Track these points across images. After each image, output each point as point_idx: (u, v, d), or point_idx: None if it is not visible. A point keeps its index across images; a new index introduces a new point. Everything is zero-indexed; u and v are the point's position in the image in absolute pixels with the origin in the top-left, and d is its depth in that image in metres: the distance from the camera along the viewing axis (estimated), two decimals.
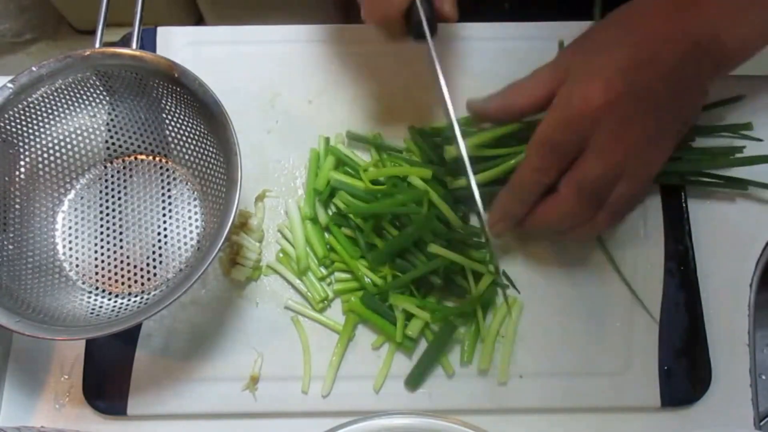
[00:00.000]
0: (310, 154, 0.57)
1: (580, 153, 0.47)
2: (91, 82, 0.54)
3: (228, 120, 0.50)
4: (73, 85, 0.54)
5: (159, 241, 0.54)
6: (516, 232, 0.54)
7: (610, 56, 0.47)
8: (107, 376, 0.52)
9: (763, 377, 0.62)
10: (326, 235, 0.55)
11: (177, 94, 0.53)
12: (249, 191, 0.57)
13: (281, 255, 0.55)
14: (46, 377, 0.53)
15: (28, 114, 0.53)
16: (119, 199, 0.56)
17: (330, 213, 0.55)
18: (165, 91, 0.53)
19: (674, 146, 0.50)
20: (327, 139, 0.58)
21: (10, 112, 0.52)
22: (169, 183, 0.56)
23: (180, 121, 0.55)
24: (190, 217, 0.55)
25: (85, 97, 0.55)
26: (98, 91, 0.55)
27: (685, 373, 0.52)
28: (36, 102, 0.53)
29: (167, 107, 0.54)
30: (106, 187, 0.56)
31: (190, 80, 0.51)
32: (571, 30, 0.58)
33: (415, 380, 0.52)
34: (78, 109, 0.55)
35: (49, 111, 0.54)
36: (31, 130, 0.54)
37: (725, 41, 0.47)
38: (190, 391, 0.52)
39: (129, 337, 0.53)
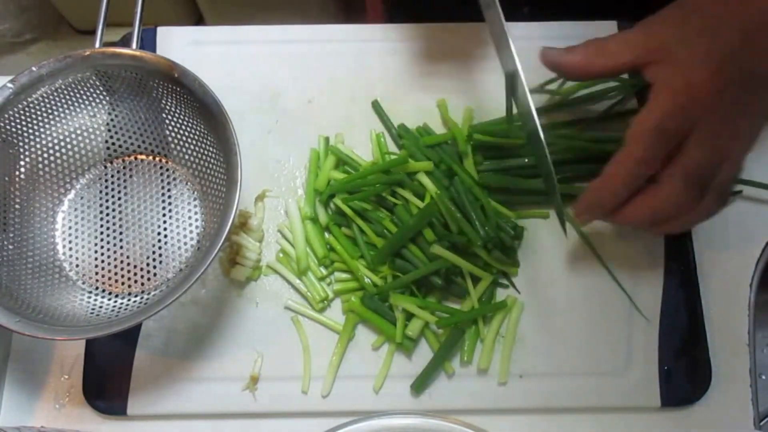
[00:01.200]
0: (310, 154, 0.57)
1: (684, 140, 0.46)
2: (91, 82, 0.54)
3: (228, 120, 0.50)
4: (73, 85, 0.54)
5: (159, 241, 0.54)
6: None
7: (715, 40, 0.45)
8: (107, 376, 0.52)
9: (763, 377, 0.62)
10: (326, 235, 0.55)
11: (177, 94, 0.53)
12: (249, 191, 0.57)
13: (281, 255, 0.55)
14: (46, 377, 0.53)
15: (28, 114, 0.53)
16: (119, 199, 0.56)
17: (330, 213, 0.55)
18: (165, 91, 0.53)
19: (756, 131, 0.48)
20: (327, 139, 0.58)
21: (10, 112, 0.52)
22: (169, 183, 0.56)
23: (180, 121, 0.55)
24: (190, 217, 0.55)
25: (85, 97, 0.55)
26: (98, 91, 0.55)
27: (685, 373, 0.52)
28: (36, 102, 0.53)
29: (167, 107, 0.54)
30: (106, 187, 0.56)
31: (190, 80, 0.51)
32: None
33: (420, 385, 0.52)
34: (78, 109, 0.55)
35: (49, 111, 0.54)
36: (31, 130, 0.54)
37: None
38: (190, 391, 0.52)
39: (129, 337, 0.53)
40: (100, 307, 0.52)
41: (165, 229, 0.55)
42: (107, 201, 0.56)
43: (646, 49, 0.47)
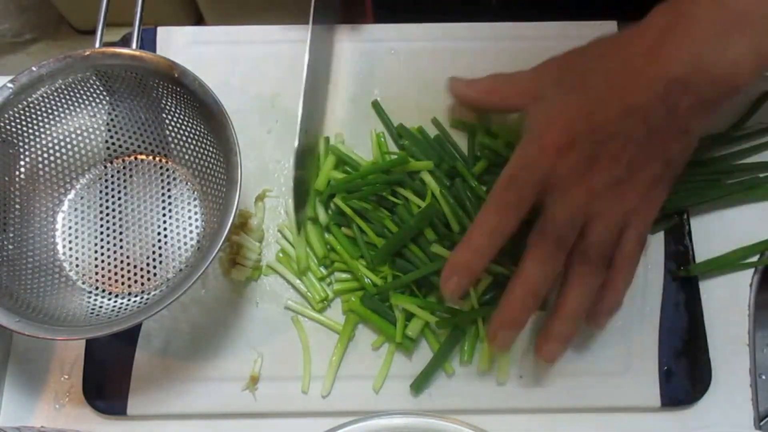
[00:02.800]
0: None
1: (545, 193, 0.45)
2: (91, 82, 0.54)
3: (228, 120, 0.50)
4: (73, 85, 0.54)
5: (159, 241, 0.54)
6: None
7: (579, 92, 0.46)
8: (107, 376, 0.52)
9: (763, 377, 0.62)
10: (326, 235, 0.55)
11: (177, 94, 0.53)
12: (249, 191, 0.57)
13: (281, 255, 0.55)
14: (46, 377, 0.53)
15: (28, 114, 0.53)
16: (119, 199, 0.56)
17: (330, 213, 0.55)
18: (165, 91, 0.53)
19: (660, 186, 0.47)
20: (327, 139, 0.58)
21: (10, 112, 0.52)
22: (169, 183, 0.56)
23: (180, 121, 0.55)
24: (190, 217, 0.55)
25: (85, 97, 0.55)
26: (98, 91, 0.55)
27: (685, 373, 0.52)
28: (36, 102, 0.53)
29: (167, 107, 0.54)
30: (106, 187, 0.56)
31: (190, 80, 0.51)
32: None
33: (419, 386, 0.52)
34: (78, 109, 0.55)
35: (49, 111, 0.54)
36: (31, 130, 0.54)
37: (710, 71, 0.42)
38: (190, 391, 0.52)
39: (129, 337, 0.53)
40: (100, 307, 0.52)
41: (165, 229, 0.55)
42: (107, 201, 0.56)
43: (528, 94, 0.48)
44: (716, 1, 0.42)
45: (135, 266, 0.54)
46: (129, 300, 0.53)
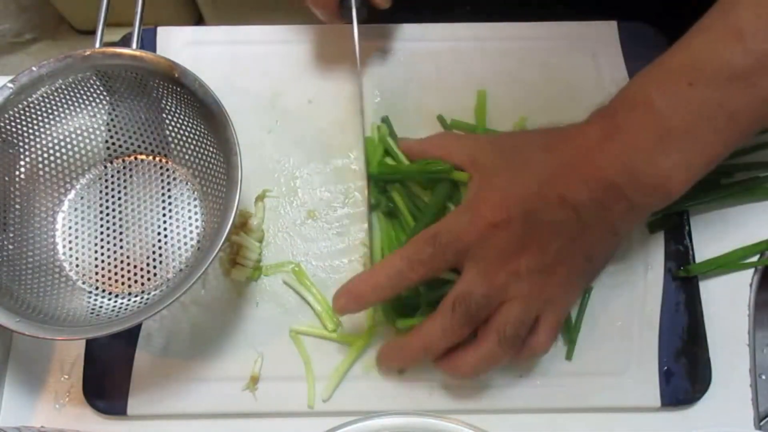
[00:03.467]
0: (365, 143, 0.56)
1: (464, 264, 0.46)
2: (91, 82, 0.54)
3: (228, 120, 0.50)
4: (73, 85, 0.54)
5: (159, 241, 0.54)
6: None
7: (519, 176, 0.47)
8: (107, 376, 0.52)
9: (763, 377, 0.62)
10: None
11: (177, 94, 0.53)
12: (249, 191, 0.57)
13: (297, 269, 0.55)
14: (46, 377, 0.53)
15: (28, 114, 0.53)
16: (119, 199, 0.56)
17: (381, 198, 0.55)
18: (165, 91, 0.53)
19: (576, 285, 0.49)
20: (379, 127, 0.57)
21: (10, 112, 0.52)
22: (169, 183, 0.56)
23: (180, 121, 0.55)
24: (190, 217, 0.55)
25: (85, 97, 0.55)
26: (98, 91, 0.55)
27: (685, 373, 0.52)
28: (36, 102, 0.53)
29: (167, 107, 0.54)
30: (106, 187, 0.56)
31: (190, 80, 0.51)
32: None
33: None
34: (78, 109, 0.55)
35: (49, 111, 0.54)
36: (31, 130, 0.54)
37: (643, 181, 0.44)
38: (190, 391, 0.52)
39: (129, 337, 0.53)
40: (100, 307, 0.52)
41: (165, 229, 0.55)
42: (107, 201, 0.56)
43: (472, 158, 0.50)
44: (650, 115, 0.44)
45: (135, 266, 0.54)
46: (129, 300, 0.53)
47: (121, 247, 0.54)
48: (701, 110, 0.43)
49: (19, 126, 0.53)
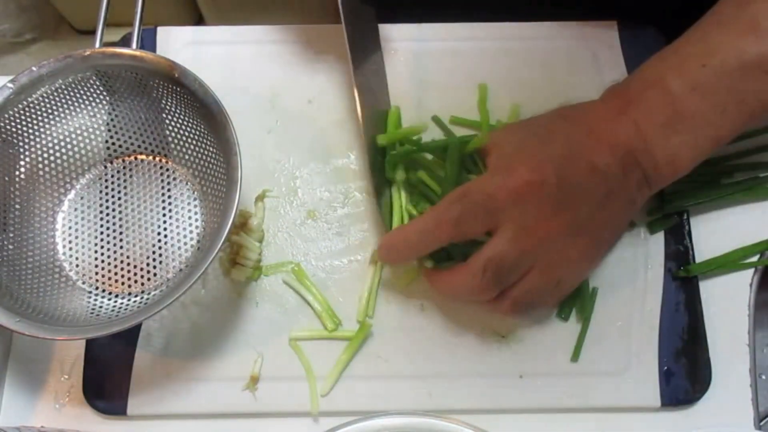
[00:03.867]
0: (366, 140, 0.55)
1: (496, 226, 0.46)
2: (91, 82, 0.54)
3: (228, 120, 0.50)
4: (73, 85, 0.54)
5: (159, 241, 0.54)
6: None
7: (548, 143, 0.47)
8: (107, 376, 0.52)
9: (763, 377, 0.62)
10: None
11: (177, 94, 0.53)
12: (249, 191, 0.57)
13: (296, 269, 0.55)
14: (46, 377, 0.53)
15: (28, 114, 0.53)
16: (119, 199, 0.56)
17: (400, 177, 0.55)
18: (165, 91, 0.53)
19: (596, 254, 0.50)
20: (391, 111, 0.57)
21: (10, 112, 0.52)
22: (169, 183, 0.56)
23: (180, 121, 0.55)
24: (190, 217, 0.55)
25: (84, 97, 0.55)
26: (98, 91, 0.55)
27: (685, 373, 0.52)
28: (36, 102, 0.53)
29: (167, 107, 0.54)
30: (106, 187, 0.56)
31: (190, 80, 0.51)
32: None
33: None
34: (78, 109, 0.55)
35: (49, 111, 0.54)
36: (31, 130, 0.54)
37: (655, 154, 0.47)
38: (190, 391, 0.52)
39: (129, 337, 0.53)
40: (100, 307, 0.52)
41: (165, 229, 0.55)
42: (107, 201, 0.56)
43: (490, 142, 0.50)
44: (663, 95, 0.46)
45: (135, 266, 0.54)
46: (129, 300, 0.53)
47: (121, 247, 0.54)
48: (712, 93, 0.45)
49: (19, 126, 0.53)
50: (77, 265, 0.54)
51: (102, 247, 0.55)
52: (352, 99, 0.60)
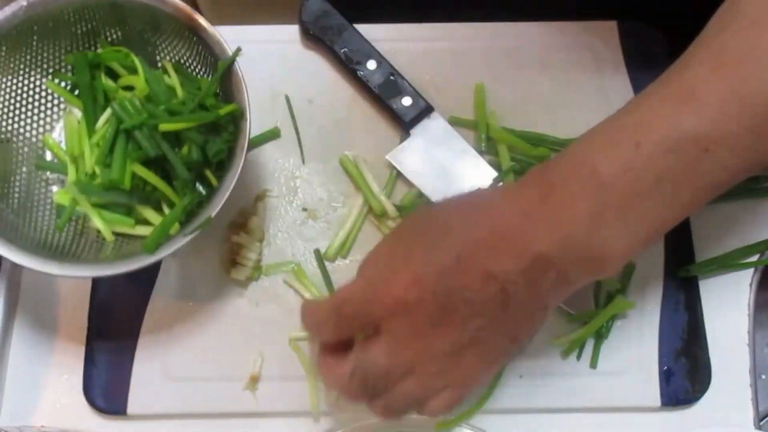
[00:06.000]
0: None
1: (376, 330, 0.41)
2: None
3: (243, 82, 0.50)
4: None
5: None
6: None
7: (436, 247, 0.41)
8: (107, 376, 0.52)
9: (763, 377, 0.62)
10: None
11: (193, 43, 0.53)
12: (249, 191, 0.57)
13: (296, 267, 0.55)
14: (46, 377, 0.53)
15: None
16: None
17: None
18: (180, 41, 0.53)
19: (495, 362, 0.44)
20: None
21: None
22: None
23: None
24: None
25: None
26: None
27: (685, 373, 0.52)
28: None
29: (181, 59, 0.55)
30: None
31: (208, 33, 0.51)
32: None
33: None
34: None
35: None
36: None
37: (578, 251, 0.39)
38: (190, 391, 0.52)
39: (129, 337, 0.53)
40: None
41: None
42: None
43: (388, 240, 0.45)
44: (591, 179, 0.39)
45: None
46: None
47: None
48: (647, 176, 0.38)
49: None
50: None
51: None
52: (352, 99, 0.60)
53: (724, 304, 0.54)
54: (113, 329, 0.53)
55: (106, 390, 0.52)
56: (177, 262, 0.55)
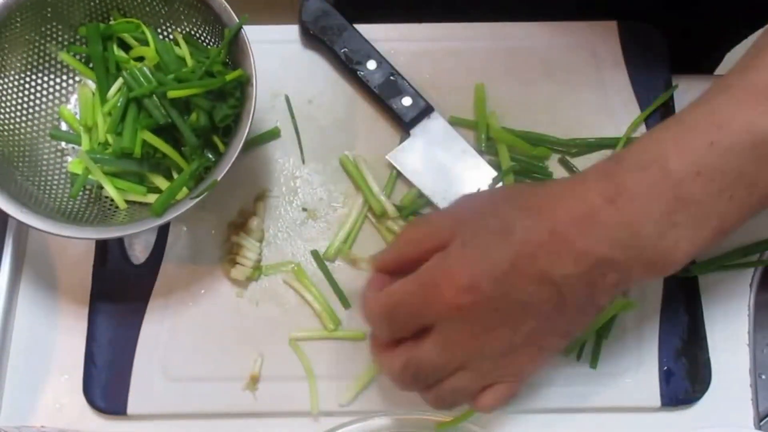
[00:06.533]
0: None
1: (427, 327, 0.42)
2: None
3: (249, 49, 0.50)
4: None
5: None
6: None
7: (493, 247, 0.40)
8: (107, 376, 0.52)
9: (763, 377, 0.62)
10: None
11: (200, 12, 0.53)
12: (249, 191, 0.57)
13: (295, 268, 0.55)
14: (46, 377, 0.53)
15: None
16: None
17: None
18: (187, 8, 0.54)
19: (544, 360, 0.44)
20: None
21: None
22: None
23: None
24: None
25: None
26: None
27: (685, 373, 0.52)
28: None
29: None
30: None
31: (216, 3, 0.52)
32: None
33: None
34: None
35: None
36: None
37: (643, 255, 0.39)
38: (190, 391, 0.52)
39: (129, 337, 0.53)
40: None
41: None
42: None
43: (442, 238, 0.42)
44: (663, 179, 0.38)
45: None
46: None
47: None
48: (721, 177, 0.37)
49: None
50: None
51: None
52: (352, 99, 0.60)
53: (724, 304, 0.54)
54: (114, 329, 0.53)
55: (106, 390, 0.52)
56: (177, 262, 0.55)
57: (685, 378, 0.52)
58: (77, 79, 0.57)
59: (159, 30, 0.56)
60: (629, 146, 0.40)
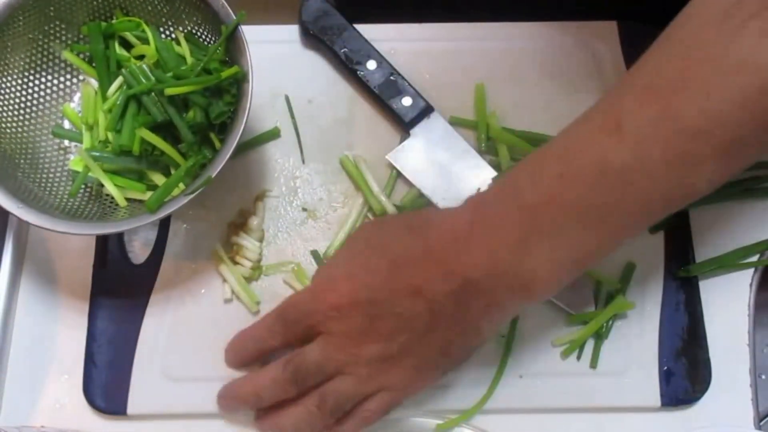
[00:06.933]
0: None
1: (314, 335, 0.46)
2: None
3: (246, 46, 0.50)
4: None
5: None
6: None
7: (375, 260, 0.45)
8: (107, 376, 0.52)
9: (763, 377, 0.62)
10: None
11: (198, 10, 0.53)
12: (249, 191, 0.57)
13: (296, 268, 0.55)
14: (46, 377, 0.53)
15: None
16: None
17: None
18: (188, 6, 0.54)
19: (432, 372, 0.47)
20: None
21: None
22: None
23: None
24: None
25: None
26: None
27: (685, 373, 0.52)
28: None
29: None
30: None
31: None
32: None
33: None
34: None
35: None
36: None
37: (505, 278, 0.41)
38: (190, 391, 0.52)
39: (129, 337, 0.53)
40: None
41: None
42: None
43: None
44: (519, 208, 0.41)
45: None
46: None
47: None
48: (570, 206, 0.39)
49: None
50: None
51: None
52: (352, 99, 0.60)
53: (724, 304, 0.54)
54: (114, 329, 0.53)
55: (106, 390, 0.52)
56: (177, 262, 0.55)
57: (685, 378, 0.52)
58: (81, 77, 0.57)
59: (161, 29, 0.56)
60: (497, 179, 0.44)
